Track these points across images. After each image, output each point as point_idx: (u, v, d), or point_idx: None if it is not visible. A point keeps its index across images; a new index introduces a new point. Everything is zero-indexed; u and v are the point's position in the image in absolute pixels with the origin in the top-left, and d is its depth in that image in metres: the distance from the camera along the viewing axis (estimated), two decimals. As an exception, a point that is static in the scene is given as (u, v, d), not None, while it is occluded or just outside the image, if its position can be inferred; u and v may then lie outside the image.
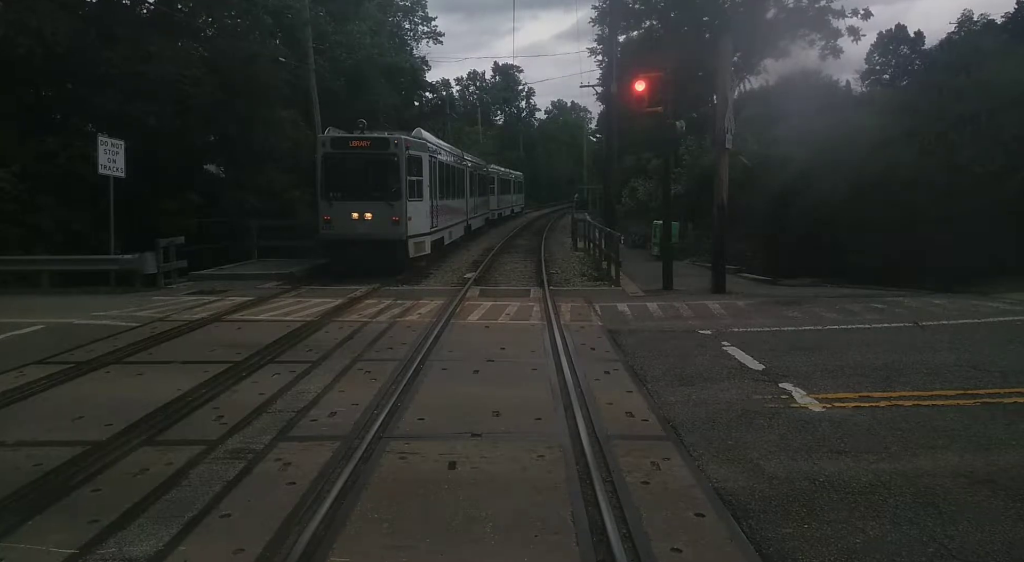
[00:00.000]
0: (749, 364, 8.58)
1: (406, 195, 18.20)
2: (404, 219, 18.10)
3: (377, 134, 19.77)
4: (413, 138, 19.83)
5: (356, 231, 17.98)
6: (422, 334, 10.59)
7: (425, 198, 19.55)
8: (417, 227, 18.93)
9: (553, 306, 12.96)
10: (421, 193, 19.18)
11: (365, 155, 18.41)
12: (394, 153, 18.22)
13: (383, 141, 18.66)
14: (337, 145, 18.45)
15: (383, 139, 18.76)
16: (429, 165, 19.91)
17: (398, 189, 18.13)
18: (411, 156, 18.52)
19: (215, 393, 7.60)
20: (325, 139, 18.70)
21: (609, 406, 7.01)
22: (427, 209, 19.82)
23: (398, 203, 18.12)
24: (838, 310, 12.34)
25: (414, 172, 18.71)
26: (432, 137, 23.91)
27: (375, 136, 19.16)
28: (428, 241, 20.05)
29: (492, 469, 5.44)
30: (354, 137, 18.76)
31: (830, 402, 6.96)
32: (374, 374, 8.36)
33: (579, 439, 5.98)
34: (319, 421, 6.63)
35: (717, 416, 6.64)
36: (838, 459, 5.53)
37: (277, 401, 7.29)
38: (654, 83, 15.52)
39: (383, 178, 18.40)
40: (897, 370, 8.10)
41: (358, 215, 18.00)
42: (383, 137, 19.00)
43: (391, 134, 19.36)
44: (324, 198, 18.32)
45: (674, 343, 9.99)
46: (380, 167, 18.38)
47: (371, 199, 18.21)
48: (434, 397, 7.42)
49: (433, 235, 20.77)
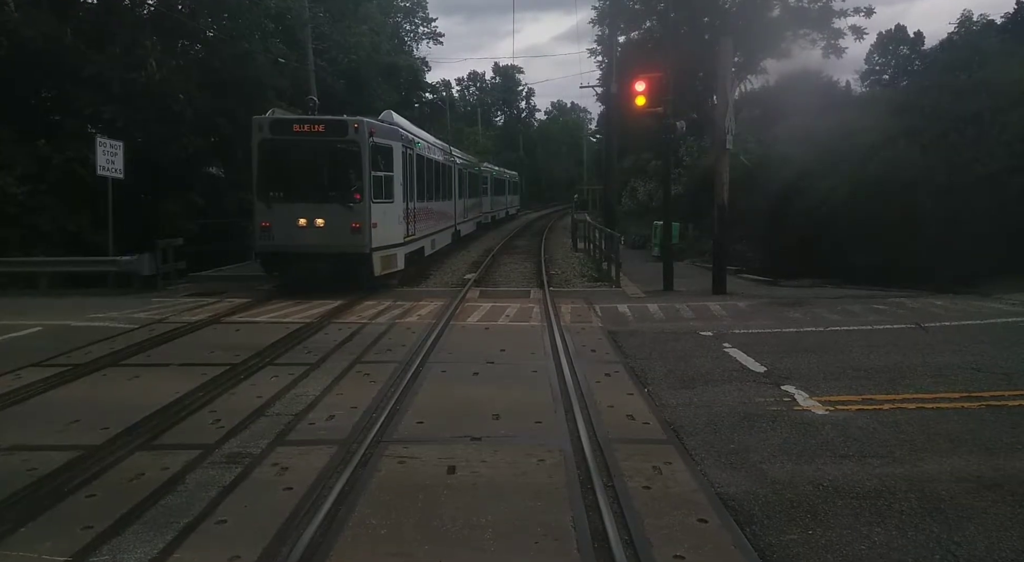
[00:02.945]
0: (751, 366, 8.52)
1: (370, 195, 14.55)
2: (367, 226, 14.44)
3: (332, 116, 15.96)
4: (381, 122, 16.38)
5: (304, 242, 14.33)
6: (421, 336, 10.53)
7: (397, 199, 15.97)
8: (385, 236, 15.30)
9: (553, 307, 12.90)
10: (391, 193, 15.58)
11: (316, 143, 14.74)
12: (354, 141, 14.48)
13: (339, 125, 14.82)
14: (279, 130, 14.63)
15: (339, 122, 14.91)
16: (403, 158, 16.48)
17: (359, 187, 14.53)
18: (377, 145, 14.85)
19: (212, 396, 7.53)
20: (262, 122, 14.68)
21: (610, 409, 6.95)
22: (399, 213, 16.19)
23: (359, 205, 14.47)
24: (839, 311, 12.28)
25: (382, 166, 15.09)
26: (409, 124, 20.22)
27: (329, 118, 15.35)
28: (401, 254, 16.43)
29: (492, 474, 5.38)
30: (301, 119, 15.06)
31: (833, 405, 6.89)
32: (373, 376, 8.30)
33: (580, 443, 5.91)
34: (317, 425, 6.57)
35: (719, 419, 6.57)
36: (842, 463, 5.46)
37: (275, 404, 7.23)
38: (654, 83, 15.46)
39: (339, 173, 14.97)
40: (900, 372, 8.04)
41: (306, 221, 14.29)
42: (339, 120, 15.07)
43: (351, 117, 15.37)
44: (262, 199, 14.68)
45: (675, 345, 9.93)
46: (336, 159, 14.94)
47: (323, 200, 14.63)
48: (433, 400, 7.36)
49: (408, 245, 17.25)
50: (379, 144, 14.96)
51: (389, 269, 15.71)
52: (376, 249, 14.87)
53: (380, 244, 15.00)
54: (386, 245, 15.41)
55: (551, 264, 22.79)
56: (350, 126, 14.61)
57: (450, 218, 25.22)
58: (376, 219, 14.69)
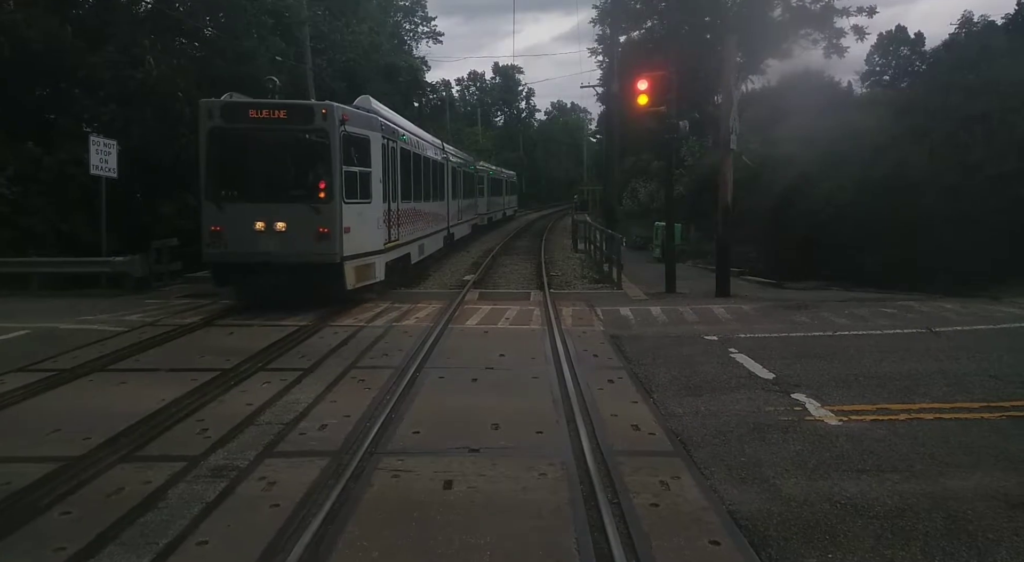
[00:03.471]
0: (759, 373, 8.24)
1: (341, 194, 12.45)
2: (338, 231, 12.34)
3: (296, 100, 14.09)
4: (356, 109, 14.12)
5: (261, 249, 12.24)
6: (419, 339, 10.26)
7: (376, 199, 13.75)
8: (361, 242, 13.14)
9: (554, 310, 12.63)
10: (368, 192, 13.39)
11: (276, 132, 12.62)
12: (322, 129, 12.40)
13: (304, 110, 12.71)
14: (232, 116, 12.49)
15: (304, 107, 12.85)
16: (384, 151, 14.33)
17: (329, 185, 12.44)
18: (351, 135, 12.73)
19: (201, 403, 7.25)
20: (212, 106, 12.55)
21: (614, 418, 6.68)
22: (378, 215, 13.98)
23: (328, 206, 12.39)
24: (847, 315, 12.01)
25: (357, 159, 12.92)
26: (392, 114, 17.89)
27: (292, 103, 13.33)
28: (380, 262, 14.10)
29: (490, 489, 5.10)
30: (258, 103, 12.78)
31: (846, 415, 6.61)
32: (368, 383, 8.03)
33: (583, 455, 5.64)
34: (308, 435, 6.29)
35: (728, 430, 6.29)
36: (859, 478, 5.18)
37: (265, 412, 6.95)
38: (657, 82, 15.19)
39: (305, 168, 12.97)
40: (915, 380, 7.76)
41: (264, 225, 12.22)
42: (304, 105, 13.15)
43: (319, 101, 13.54)
44: (211, 198, 12.52)
45: (680, 350, 9.65)
46: (300, 150, 12.87)
47: (285, 200, 12.55)
48: (430, 408, 7.09)
49: (390, 252, 14.96)
50: (353, 134, 12.82)
51: (365, 281, 13.48)
52: (349, 258, 12.71)
53: (354, 252, 12.86)
54: (361, 253, 13.20)
55: (551, 265, 22.53)
56: (317, 112, 12.49)
57: (442, 220, 23.03)
58: (349, 223, 12.59)
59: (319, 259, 12.38)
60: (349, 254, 12.69)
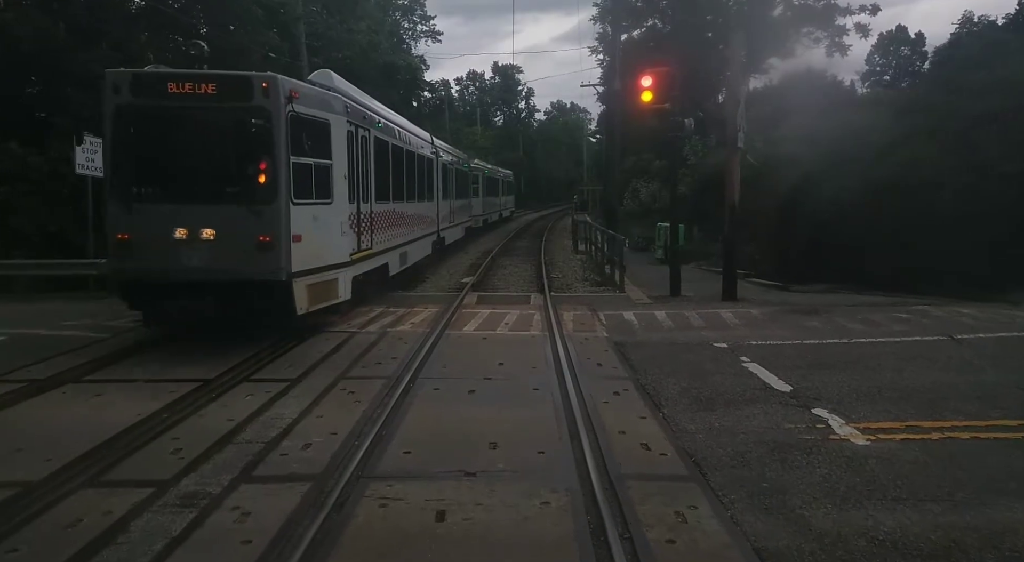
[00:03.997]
0: (774, 384, 7.75)
1: (288, 192, 9.58)
2: (283, 239, 9.50)
3: (229, 71, 10.91)
4: (311, 85, 11.40)
5: (183, 264, 9.31)
6: (414, 347, 9.77)
7: (339, 199, 11.05)
8: (318, 253, 10.36)
9: (555, 314, 12.15)
10: (328, 189, 10.67)
11: (202, 111, 9.67)
12: (262, 109, 9.51)
13: (239, 84, 9.72)
14: (145, 90, 9.55)
15: (239, 80, 9.82)
16: (351, 140, 11.70)
17: (272, 180, 9.51)
18: (302, 118, 9.89)
19: (178, 418, 6.77)
20: (120, 78, 9.57)
21: (621, 436, 6.19)
22: (342, 219, 11.23)
23: (271, 208, 9.49)
24: (860, 320, 11.51)
25: (311, 148, 10.17)
26: (363, 96, 14.92)
27: (224, 74, 10.21)
28: (345, 277, 11.35)
29: (488, 520, 4.61)
30: (178, 75, 9.89)
31: (873, 433, 6.11)
32: (358, 395, 7.54)
33: (589, 480, 5.15)
34: (290, 455, 5.80)
35: (746, 450, 5.80)
36: (896, 509, 4.69)
37: (246, 429, 6.46)
38: (661, 78, 14.69)
39: (240, 159, 9.98)
40: (942, 393, 7.25)
41: (187, 232, 9.30)
42: (239, 76, 10.01)
43: (260, 72, 10.34)
44: (118, 197, 9.69)
45: (688, 358, 9.16)
46: (234, 136, 9.93)
47: (213, 200, 9.60)
48: (423, 424, 6.60)
49: (360, 265, 12.25)
50: (306, 116, 9.99)
51: (324, 302, 10.69)
52: (300, 274, 9.85)
53: (307, 266, 10.02)
54: (318, 267, 10.37)
55: (551, 267, 22.04)
56: (256, 85, 9.52)
57: (431, 223, 20.45)
58: (300, 229, 9.78)
59: (258, 275, 9.47)
60: (300, 269, 9.84)
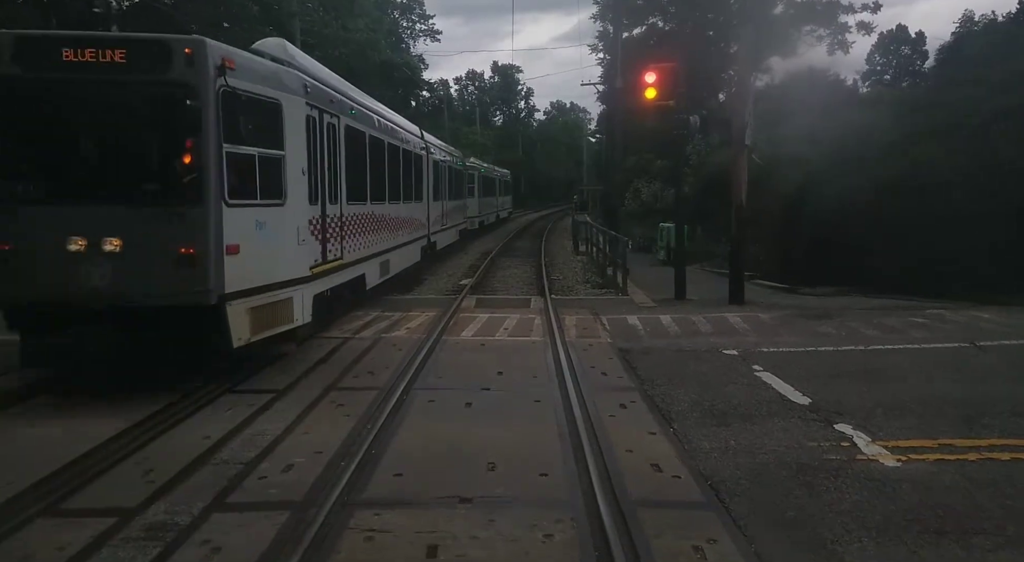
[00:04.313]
0: (791, 396, 7.27)
1: (220, 190, 7.44)
2: (214, 250, 7.37)
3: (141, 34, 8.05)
4: (252, 57, 8.55)
5: (79, 285, 7.14)
6: (409, 354, 9.30)
7: (295, 199, 8.74)
8: (263, 267, 8.13)
9: (556, 319, 11.67)
10: (279, 187, 8.40)
11: (106, 86, 7.36)
12: (184, 83, 7.24)
13: (155, 49, 7.40)
14: (32, 59, 7.31)
15: (156, 44, 7.43)
16: (312, 127, 9.48)
17: (198, 175, 7.30)
18: (242, 96, 7.65)
19: (151, 436, 6.28)
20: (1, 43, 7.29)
21: (629, 455, 5.71)
22: (299, 223, 8.99)
23: (196, 211, 7.31)
24: (876, 325, 11.04)
25: (255, 136, 7.98)
26: (331, 76, 12.18)
27: (135, 37, 7.78)
28: (303, 296, 9.02)
29: (484, 558, 4.14)
30: (76, 38, 7.58)
31: (904, 453, 5.63)
32: (348, 408, 7.07)
33: (597, 508, 4.67)
34: (270, 479, 5.31)
35: (767, 472, 5.32)
36: (939, 544, 4.22)
37: (224, 448, 5.98)
38: (665, 75, 14.22)
39: (155, 146, 7.83)
40: (973, 406, 6.76)
41: (84, 243, 7.15)
42: (156, 40, 7.53)
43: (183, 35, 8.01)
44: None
45: (697, 366, 8.69)
46: (146, 118, 7.71)
47: (120, 201, 7.35)
48: (416, 441, 6.12)
49: (325, 278, 10.03)
50: (247, 94, 7.67)
51: (273, 328, 8.33)
52: (237, 295, 7.59)
53: (247, 284, 7.77)
54: (264, 285, 8.11)
55: (552, 268, 21.57)
56: (177, 52, 7.23)
57: (419, 227, 18.19)
58: (237, 236, 7.54)
59: (179, 299, 7.19)
60: (237, 289, 7.57)
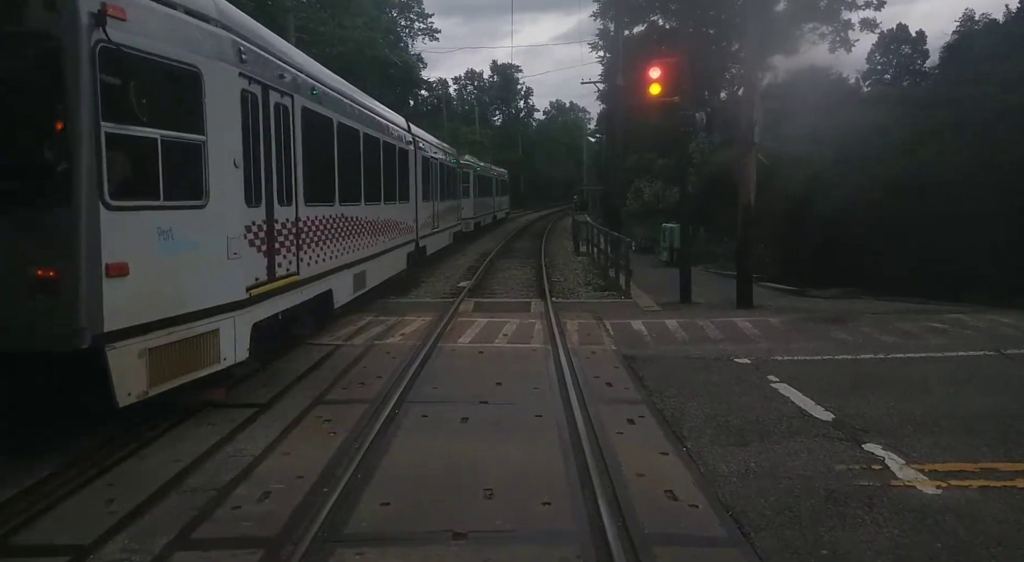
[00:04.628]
0: (812, 410, 6.76)
1: (96, 186, 5.28)
2: (87, 272, 5.24)
3: None
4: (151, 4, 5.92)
5: None
6: (403, 363, 8.80)
7: (221, 198, 6.69)
8: (173, 293, 6.17)
9: (557, 323, 11.17)
10: (199, 184, 6.45)
11: None
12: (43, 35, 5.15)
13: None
14: None
15: None
16: (253, 106, 7.50)
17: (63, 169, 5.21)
18: (134, 56, 5.52)
19: (120, 457, 5.77)
20: None
21: (640, 480, 5.21)
22: (231, 232, 6.95)
23: (60, 214, 5.19)
24: (892, 330, 10.53)
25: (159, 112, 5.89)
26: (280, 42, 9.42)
27: None
28: (235, 327, 6.98)
29: (481, 607, 3.63)
30: None
31: (943, 478, 5.12)
32: (335, 424, 6.56)
33: (607, 546, 4.16)
34: (243, 508, 4.80)
35: (794, 501, 4.81)
36: (998, 590, 3.72)
37: (196, 471, 5.47)
38: (671, 70, 13.74)
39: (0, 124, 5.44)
40: (1011, 423, 6.23)
41: None
42: None
43: None
44: None
45: (707, 376, 8.18)
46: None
47: None
48: (407, 463, 5.61)
49: (271, 301, 7.95)
50: (141, 55, 5.70)
51: (187, 374, 6.38)
52: (126, 334, 5.64)
53: (144, 317, 5.83)
54: (172, 317, 6.14)
55: (552, 269, 21.07)
56: None
57: (405, 231, 15.85)
58: (126, 251, 5.62)
59: (35, 343, 5.31)
60: (125, 325, 5.58)
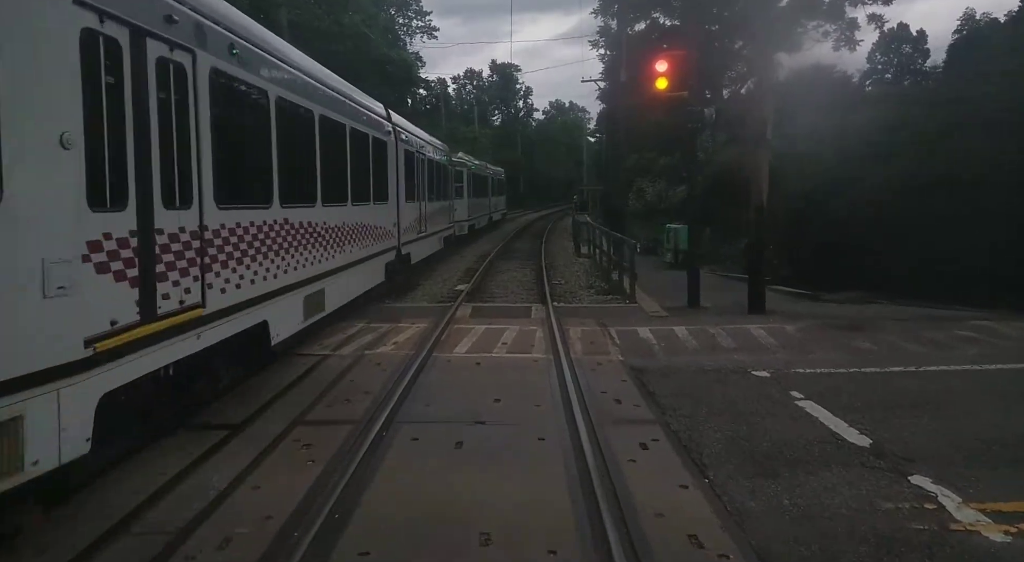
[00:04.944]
0: (845, 434, 6.09)
1: None
2: None
3: None
4: None
5: None
6: (394, 375, 8.13)
7: (35, 200, 4.06)
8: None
9: (559, 331, 10.49)
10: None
11: None
12: None
13: None
14: None
15: None
16: (101, 57, 4.68)
17: None
18: None
19: (73, 486, 5.09)
20: None
21: (659, 521, 4.53)
22: (48, 255, 4.13)
23: None
24: (919, 339, 9.86)
25: None
26: None
27: None
28: (63, 407, 4.23)
29: None
30: None
31: (1010, 522, 4.43)
32: (314, 450, 5.89)
33: (625, 611, 3.50)
34: (199, 559, 4.13)
35: (839, 550, 4.14)
36: None
37: (155, 507, 4.80)
38: (678, 63, 13.09)
39: None
40: (1072, 451, 5.60)
41: None
42: None
43: None
44: None
45: (725, 392, 7.52)
46: None
47: None
48: (393, 499, 4.94)
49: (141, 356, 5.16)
50: None
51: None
52: None
53: None
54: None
55: (553, 272, 20.42)
56: None
57: (384, 236, 13.87)
58: None
59: None
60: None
